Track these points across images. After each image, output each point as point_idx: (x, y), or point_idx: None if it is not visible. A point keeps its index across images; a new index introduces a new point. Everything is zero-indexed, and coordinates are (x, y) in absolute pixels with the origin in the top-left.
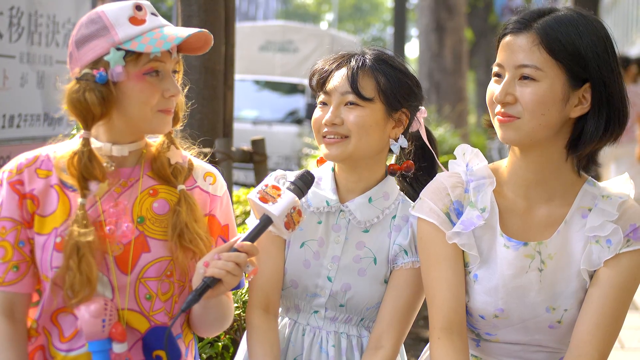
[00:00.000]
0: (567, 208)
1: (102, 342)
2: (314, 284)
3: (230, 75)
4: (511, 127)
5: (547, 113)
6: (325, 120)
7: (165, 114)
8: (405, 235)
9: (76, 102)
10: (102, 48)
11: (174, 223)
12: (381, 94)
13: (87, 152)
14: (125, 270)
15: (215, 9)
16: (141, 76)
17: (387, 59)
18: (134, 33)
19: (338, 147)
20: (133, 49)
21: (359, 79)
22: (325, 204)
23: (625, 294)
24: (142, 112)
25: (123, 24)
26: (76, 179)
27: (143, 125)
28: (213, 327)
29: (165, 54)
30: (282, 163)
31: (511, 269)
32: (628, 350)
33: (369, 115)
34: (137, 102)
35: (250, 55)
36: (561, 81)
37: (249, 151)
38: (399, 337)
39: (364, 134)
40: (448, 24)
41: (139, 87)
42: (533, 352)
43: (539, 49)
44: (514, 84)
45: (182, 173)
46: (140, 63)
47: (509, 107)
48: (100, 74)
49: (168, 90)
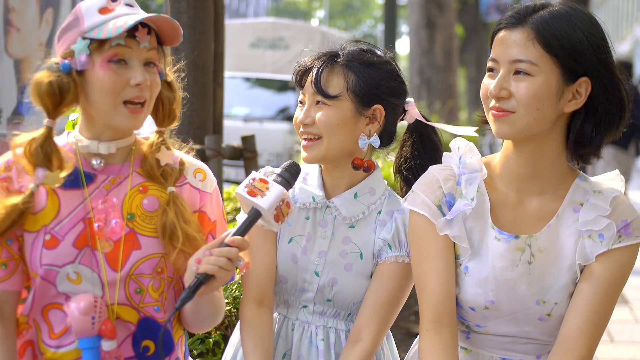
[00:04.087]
0: (558, 202)
1: (92, 339)
2: (302, 278)
3: (220, 72)
4: (506, 121)
5: (542, 108)
6: (298, 120)
7: (131, 112)
8: (389, 230)
9: (34, 90)
10: (71, 39)
11: (163, 223)
12: (349, 91)
13: (42, 137)
14: (115, 267)
15: (204, 5)
16: (105, 64)
17: (362, 56)
18: (99, 21)
19: (312, 150)
20: (94, 36)
21: (324, 77)
22: (312, 199)
23: (615, 290)
24: (107, 102)
25: (92, 14)
26: (31, 165)
27: (109, 118)
28: (205, 322)
29: (131, 42)
30: (273, 160)
31: (502, 261)
32: (617, 344)
33: (336, 114)
34: (100, 90)
35: (240, 52)
36: (556, 76)
37: (239, 148)
38: (379, 331)
39: (333, 133)
40: (438, 21)
41: (101, 74)
42: (522, 344)
43: (534, 43)
44: (509, 79)
45: (172, 175)
46: (104, 50)
47: (503, 101)
48: (64, 63)
49: (135, 78)
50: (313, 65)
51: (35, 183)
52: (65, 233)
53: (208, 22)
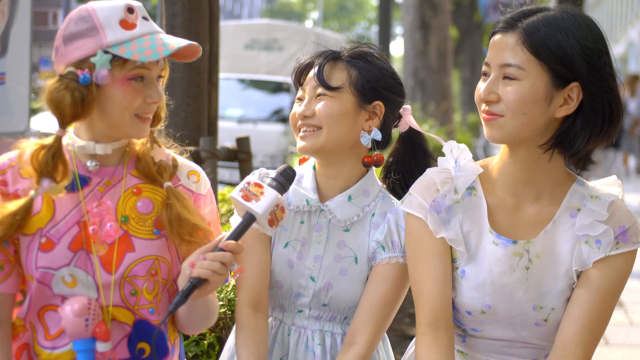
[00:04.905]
0: (555, 207)
1: (86, 341)
2: (297, 283)
3: (215, 74)
4: (495, 125)
5: (529, 112)
6: (298, 113)
7: (142, 122)
8: (381, 231)
9: (55, 100)
10: (90, 49)
11: (169, 218)
12: (351, 84)
13: (54, 148)
14: (109, 270)
15: (199, 7)
16: (126, 81)
17: (363, 54)
18: (123, 38)
19: (310, 139)
20: (121, 54)
21: (327, 70)
22: (306, 203)
23: (612, 297)
24: (122, 116)
25: (113, 26)
26: (36, 173)
27: (120, 129)
28: (199, 325)
29: (152, 62)
30: (268, 162)
31: (499, 266)
32: (612, 347)
33: (337, 105)
34: (119, 106)
35: (235, 53)
36: (544, 81)
37: (233, 149)
38: (375, 334)
39: (333, 123)
40: (433, 22)
41: (122, 91)
42: (518, 348)
43: (522, 48)
44: (498, 83)
45: (167, 170)
46: (126, 68)
47: (492, 105)
48: (85, 75)
49: (151, 96)
50: (313, 61)
51: (38, 192)
52: (61, 236)
53: (203, 24)
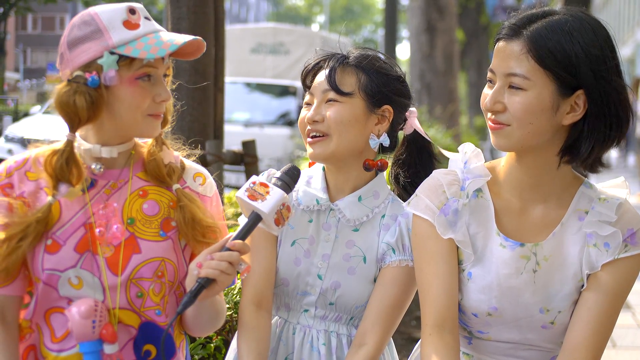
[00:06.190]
0: (563, 210)
1: (93, 343)
2: (304, 282)
3: (221, 78)
4: (501, 134)
5: (536, 122)
6: (307, 118)
7: (155, 119)
8: (392, 234)
9: (65, 104)
10: (96, 51)
11: (184, 219)
12: (361, 88)
13: (67, 152)
14: (115, 272)
15: (204, 11)
16: (134, 80)
17: (371, 58)
18: (128, 37)
19: (320, 146)
20: (127, 53)
21: (337, 75)
22: (316, 202)
23: (620, 300)
24: (133, 116)
25: (117, 27)
26: (51, 178)
27: (132, 129)
28: (207, 326)
29: (157, 59)
30: (274, 165)
31: (507, 268)
32: (620, 349)
33: (347, 111)
34: (128, 106)
35: (241, 57)
36: (549, 90)
37: (239, 153)
38: (384, 336)
39: (344, 129)
40: (439, 25)
41: (130, 91)
42: (525, 350)
43: (527, 57)
44: (503, 92)
45: (176, 172)
46: (134, 68)
47: (498, 114)
48: (93, 78)
49: (159, 95)
50: (321, 64)
51: (56, 197)
52: (67, 238)
53: (208, 28)
